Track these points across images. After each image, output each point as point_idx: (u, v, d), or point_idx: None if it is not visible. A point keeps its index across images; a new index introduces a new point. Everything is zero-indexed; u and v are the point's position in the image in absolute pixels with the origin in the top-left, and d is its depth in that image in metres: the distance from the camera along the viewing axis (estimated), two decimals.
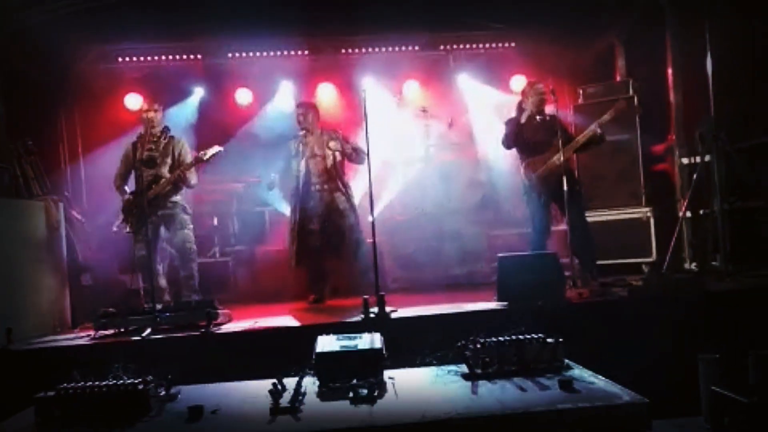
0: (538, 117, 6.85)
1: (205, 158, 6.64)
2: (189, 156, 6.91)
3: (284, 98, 9.96)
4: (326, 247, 7.17)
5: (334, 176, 7.16)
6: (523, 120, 6.87)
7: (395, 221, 8.79)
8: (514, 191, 7.84)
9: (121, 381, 3.44)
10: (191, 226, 6.95)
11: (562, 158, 6.54)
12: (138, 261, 6.37)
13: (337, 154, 7.18)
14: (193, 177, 6.85)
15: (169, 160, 6.87)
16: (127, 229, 6.69)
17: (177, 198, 6.86)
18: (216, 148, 6.67)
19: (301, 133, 7.27)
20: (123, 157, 7.00)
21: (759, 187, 6.84)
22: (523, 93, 7.09)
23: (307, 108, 7.42)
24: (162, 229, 6.85)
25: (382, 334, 3.98)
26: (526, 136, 6.84)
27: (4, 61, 7.69)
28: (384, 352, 3.75)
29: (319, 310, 6.23)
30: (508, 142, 6.97)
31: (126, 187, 6.94)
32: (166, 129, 6.87)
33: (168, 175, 6.77)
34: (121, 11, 7.87)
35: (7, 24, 7.57)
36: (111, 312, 5.53)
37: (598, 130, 6.67)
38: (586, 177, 8.15)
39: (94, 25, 8.21)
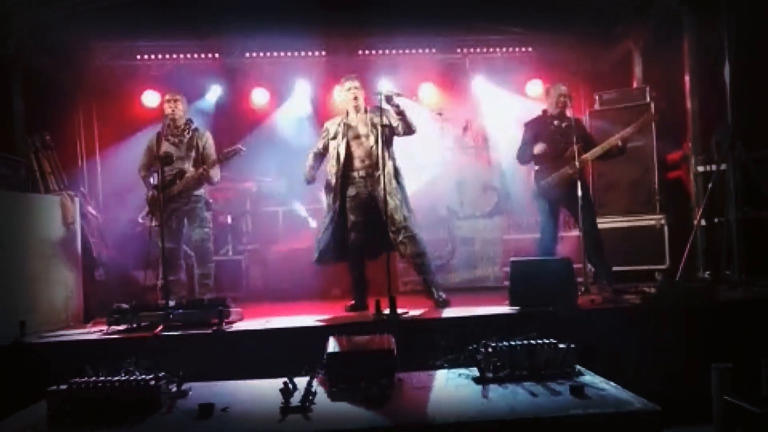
0: (555, 122, 6.79)
1: (225, 158, 6.63)
2: (213, 150, 6.83)
3: (300, 98, 10.00)
4: (370, 243, 6.34)
5: (379, 160, 6.13)
6: (536, 151, 6.70)
7: None
8: (528, 196, 7.82)
9: (133, 377, 3.46)
10: (210, 224, 6.94)
11: (577, 165, 6.50)
12: (167, 254, 6.17)
13: (380, 131, 6.10)
14: (216, 174, 6.77)
15: (193, 154, 6.80)
16: (153, 223, 6.47)
17: (200, 192, 6.80)
18: (238, 147, 6.62)
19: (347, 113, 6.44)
20: (146, 149, 6.91)
21: None
22: (546, 93, 7.08)
23: (353, 81, 6.47)
24: (185, 223, 6.80)
25: (393, 336, 3.99)
26: (539, 142, 6.78)
27: (22, 57, 7.75)
28: (395, 353, 3.75)
29: (331, 311, 6.23)
30: (521, 157, 6.95)
31: (152, 179, 6.73)
32: (189, 121, 6.89)
33: (192, 169, 6.71)
34: (140, 8, 7.93)
35: (26, 20, 7.64)
36: (123, 308, 5.57)
37: (620, 143, 6.62)
38: (600, 183, 8.19)
39: (113, 21, 8.27)
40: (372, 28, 9.42)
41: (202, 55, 9.87)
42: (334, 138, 6.40)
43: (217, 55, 9.90)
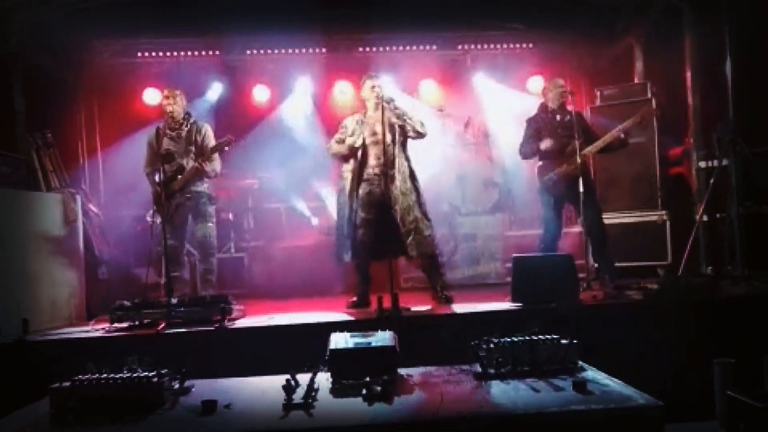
0: (558, 116, 6.81)
1: (216, 151, 6.63)
2: (212, 142, 6.82)
3: (301, 95, 10.00)
4: (378, 242, 6.19)
5: (395, 159, 6.21)
6: (543, 147, 6.75)
7: None
8: (529, 192, 7.84)
9: (136, 374, 3.45)
10: (214, 219, 6.93)
11: (579, 160, 6.49)
12: (170, 250, 6.21)
13: (397, 132, 6.27)
14: (212, 168, 6.74)
15: (192, 148, 6.80)
16: (159, 221, 6.37)
17: (203, 187, 6.79)
18: (227, 138, 6.60)
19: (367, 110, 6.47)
20: (147, 146, 6.89)
21: None
22: (544, 90, 7.09)
23: (375, 80, 6.53)
24: (190, 219, 6.80)
25: (395, 333, 3.98)
26: (543, 137, 6.78)
27: (23, 56, 7.75)
28: (397, 350, 3.75)
29: (333, 307, 6.23)
30: (525, 152, 6.96)
31: (156, 177, 6.63)
32: (188, 115, 6.89)
33: (192, 163, 6.71)
34: (140, 6, 7.92)
35: (26, 19, 7.64)
36: (126, 305, 5.57)
37: (621, 135, 6.63)
38: (602, 179, 8.15)
39: (113, 19, 8.26)
40: (372, 25, 9.40)
41: (203, 53, 9.86)
42: (352, 135, 6.41)
43: (217, 53, 9.89)
